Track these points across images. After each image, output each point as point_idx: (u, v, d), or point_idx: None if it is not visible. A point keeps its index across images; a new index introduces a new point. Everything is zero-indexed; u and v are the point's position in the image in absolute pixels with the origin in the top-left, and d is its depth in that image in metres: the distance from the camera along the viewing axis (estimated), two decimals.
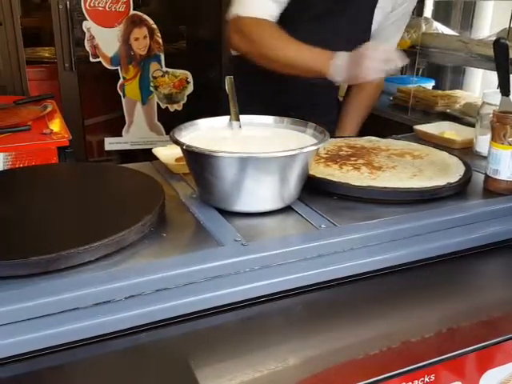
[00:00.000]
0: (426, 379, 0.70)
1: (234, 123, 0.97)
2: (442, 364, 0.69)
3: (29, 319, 0.60)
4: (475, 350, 0.71)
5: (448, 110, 2.10)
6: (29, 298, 0.60)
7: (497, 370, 0.76)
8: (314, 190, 0.91)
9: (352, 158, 1.03)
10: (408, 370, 0.67)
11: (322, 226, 0.80)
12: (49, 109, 1.76)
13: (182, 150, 0.84)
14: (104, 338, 0.64)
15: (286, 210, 0.86)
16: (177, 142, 0.83)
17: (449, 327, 0.71)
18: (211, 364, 0.62)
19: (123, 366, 0.62)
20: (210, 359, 0.63)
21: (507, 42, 0.89)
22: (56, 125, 1.64)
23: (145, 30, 2.43)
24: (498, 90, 1.00)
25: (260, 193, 0.83)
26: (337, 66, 1.11)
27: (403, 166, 1.00)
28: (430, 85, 2.53)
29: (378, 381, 0.65)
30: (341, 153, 1.07)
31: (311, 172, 0.91)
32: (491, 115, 0.96)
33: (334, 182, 0.91)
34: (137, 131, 2.57)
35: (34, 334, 0.60)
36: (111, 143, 2.56)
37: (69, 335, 0.62)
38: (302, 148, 0.80)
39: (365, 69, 1.05)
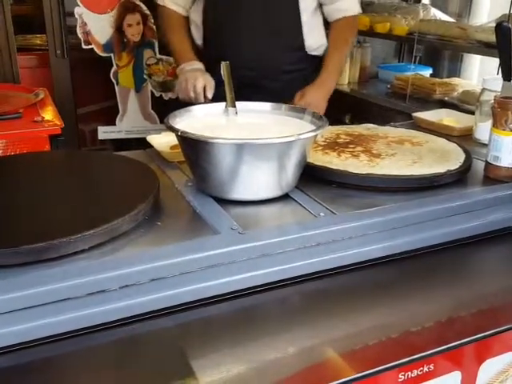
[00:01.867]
0: (425, 369, 0.69)
1: (230, 109, 0.95)
2: (441, 354, 0.68)
3: (20, 309, 0.59)
4: (475, 341, 0.70)
5: (446, 98, 2.08)
6: (20, 287, 0.58)
7: (496, 359, 0.76)
8: (312, 177, 0.90)
9: (350, 146, 1.02)
10: (407, 361, 0.66)
11: (321, 214, 0.78)
12: (41, 96, 1.73)
13: (177, 136, 0.82)
14: (98, 328, 0.62)
15: (284, 198, 0.85)
16: (171, 129, 0.81)
17: (449, 317, 0.71)
18: (207, 354, 0.61)
19: (118, 357, 0.61)
20: (206, 350, 0.62)
21: (510, 25, 0.87)
22: (48, 113, 1.62)
23: (138, 16, 2.39)
24: (498, 76, 0.99)
25: (257, 181, 0.81)
26: (182, 68, 1.47)
27: (402, 154, 0.98)
28: (427, 72, 2.51)
29: (376, 371, 0.64)
30: (339, 140, 1.05)
31: (309, 160, 0.89)
32: (491, 102, 0.94)
33: (333, 169, 0.90)
34: (130, 120, 2.54)
35: (25, 324, 0.59)
36: (105, 132, 2.52)
37: (62, 326, 0.60)
38: (300, 134, 0.79)
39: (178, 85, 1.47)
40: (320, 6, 1.59)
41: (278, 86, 1.51)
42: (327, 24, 1.63)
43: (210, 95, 1.40)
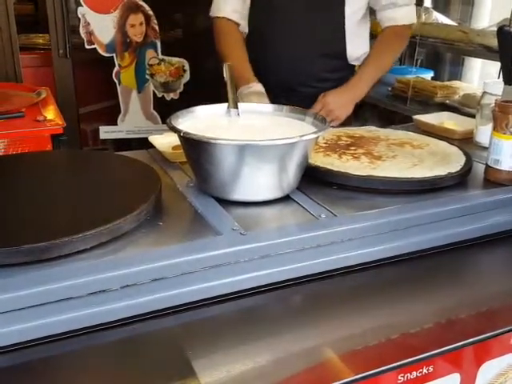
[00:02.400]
0: (425, 370, 0.69)
1: (233, 111, 0.95)
2: (440, 355, 0.69)
3: (21, 309, 0.59)
4: (474, 343, 0.70)
5: (447, 101, 2.09)
6: (21, 287, 0.59)
7: (495, 361, 0.76)
8: (313, 179, 0.90)
9: (351, 148, 1.02)
10: (406, 362, 0.66)
11: (322, 215, 0.79)
12: (43, 95, 1.73)
13: (179, 137, 0.82)
14: (99, 328, 0.63)
15: (285, 199, 0.85)
16: (174, 129, 0.82)
17: (449, 318, 0.71)
18: (209, 355, 0.61)
19: (119, 357, 0.61)
20: (207, 350, 0.62)
21: (511, 29, 0.87)
22: (50, 112, 1.62)
23: (141, 17, 2.39)
24: (499, 79, 0.99)
25: (258, 182, 0.81)
26: (240, 92, 1.35)
27: (403, 156, 0.98)
28: (428, 75, 2.51)
29: (376, 372, 0.64)
30: (340, 142, 1.05)
31: (310, 161, 0.89)
32: (492, 105, 0.94)
33: (334, 171, 0.90)
34: (132, 120, 2.54)
35: (26, 323, 0.59)
36: (106, 132, 2.52)
37: (63, 325, 0.60)
38: (302, 136, 0.79)
39: None
40: (371, 12, 1.51)
41: (314, 93, 1.44)
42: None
43: None
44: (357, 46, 1.50)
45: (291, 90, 1.48)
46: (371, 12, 1.55)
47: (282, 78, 1.45)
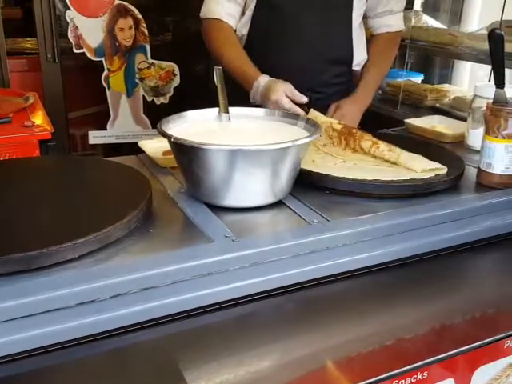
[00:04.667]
0: (419, 376, 0.68)
1: (224, 115, 0.95)
2: (435, 363, 0.68)
3: (8, 320, 0.57)
4: (469, 350, 0.70)
5: (437, 105, 2.09)
6: (9, 297, 0.57)
7: (489, 366, 0.75)
8: (304, 183, 0.89)
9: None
10: (401, 371, 0.65)
11: (315, 221, 0.78)
12: (31, 101, 1.71)
13: (170, 142, 0.81)
14: (88, 339, 0.61)
15: (278, 204, 0.84)
16: (164, 135, 0.80)
17: (442, 325, 0.70)
18: (201, 365, 0.60)
19: (109, 369, 0.60)
20: (199, 360, 0.60)
21: (502, 32, 0.87)
22: (38, 117, 1.60)
23: (130, 21, 2.37)
24: (490, 83, 0.99)
25: (250, 187, 0.80)
26: (253, 91, 1.30)
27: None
28: (418, 79, 2.52)
29: (371, 382, 0.63)
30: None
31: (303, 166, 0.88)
32: (483, 109, 0.94)
33: (327, 175, 0.89)
34: (122, 124, 2.52)
35: (13, 335, 0.57)
36: (95, 137, 2.50)
37: (51, 337, 0.59)
38: (295, 141, 0.78)
39: (269, 103, 1.25)
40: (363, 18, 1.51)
41: (318, 98, 1.43)
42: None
43: (303, 99, 1.23)
44: (359, 51, 1.52)
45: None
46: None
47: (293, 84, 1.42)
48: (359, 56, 1.52)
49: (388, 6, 1.48)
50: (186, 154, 0.80)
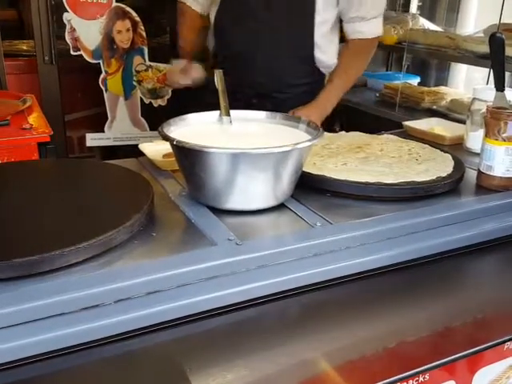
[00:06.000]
0: (421, 378, 0.68)
1: (225, 118, 0.94)
2: (436, 368, 0.68)
3: (11, 326, 0.57)
4: (470, 355, 0.70)
5: (434, 107, 2.10)
6: (11, 302, 0.57)
7: (490, 367, 0.76)
8: (305, 186, 0.89)
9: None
10: (403, 376, 0.65)
11: (317, 224, 0.78)
12: (28, 103, 1.70)
13: (172, 145, 0.81)
14: (93, 344, 0.61)
15: (280, 207, 0.84)
16: (166, 138, 0.80)
17: (442, 328, 0.70)
18: (206, 370, 0.60)
19: (114, 375, 0.60)
20: (205, 365, 0.60)
21: (503, 36, 0.88)
22: (36, 120, 1.59)
23: (128, 23, 2.37)
24: (488, 85, 0.99)
25: (253, 190, 0.80)
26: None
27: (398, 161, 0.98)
28: (415, 81, 2.53)
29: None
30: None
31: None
32: (482, 111, 0.95)
33: (328, 178, 0.89)
34: (119, 127, 2.51)
35: (16, 341, 0.57)
36: (93, 139, 2.49)
37: (55, 342, 0.58)
38: (297, 144, 0.78)
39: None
40: (341, 21, 1.52)
41: (287, 98, 1.47)
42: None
43: (195, 74, 1.48)
44: (328, 54, 1.52)
45: (267, 97, 1.48)
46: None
47: (257, 84, 1.47)
48: (327, 58, 1.53)
49: (360, 11, 1.46)
50: (188, 157, 0.80)
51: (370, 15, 1.47)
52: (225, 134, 0.93)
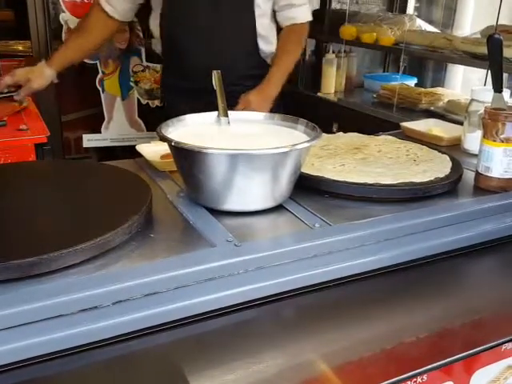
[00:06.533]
0: (419, 380, 0.69)
1: (223, 119, 0.94)
2: (434, 369, 0.68)
3: (8, 328, 0.56)
4: (468, 356, 0.70)
5: (431, 108, 2.11)
6: (8, 304, 0.56)
7: (487, 368, 0.76)
8: (303, 187, 0.89)
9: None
10: (401, 378, 0.65)
11: (316, 225, 0.78)
12: (25, 104, 1.69)
13: (170, 146, 0.81)
14: (91, 347, 0.60)
15: (278, 208, 0.84)
16: (164, 139, 0.80)
17: (442, 329, 0.70)
18: (206, 371, 0.59)
19: (112, 378, 0.59)
20: (204, 366, 0.60)
21: (501, 37, 0.88)
22: (33, 121, 1.58)
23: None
24: (486, 87, 1.00)
25: (251, 191, 0.80)
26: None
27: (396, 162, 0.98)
28: (412, 82, 2.54)
29: None
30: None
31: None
32: (480, 112, 0.95)
33: (326, 179, 0.89)
34: (116, 127, 2.51)
35: (14, 344, 0.56)
36: (90, 140, 2.49)
37: (52, 345, 0.58)
38: (295, 145, 0.78)
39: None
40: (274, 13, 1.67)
41: (241, 91, 1.55)
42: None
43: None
44: (271, 44, 1.67)
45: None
46: None
47: (208, 79, 1.51)
48: (269, 48, 1.67)
49: None
50: (187, 158, 0.80)
51: (299, 2, 1.64)
52: (223, 134, 0.93)
